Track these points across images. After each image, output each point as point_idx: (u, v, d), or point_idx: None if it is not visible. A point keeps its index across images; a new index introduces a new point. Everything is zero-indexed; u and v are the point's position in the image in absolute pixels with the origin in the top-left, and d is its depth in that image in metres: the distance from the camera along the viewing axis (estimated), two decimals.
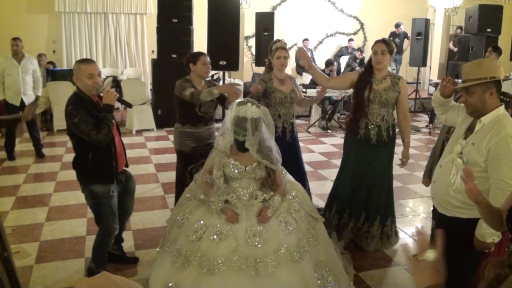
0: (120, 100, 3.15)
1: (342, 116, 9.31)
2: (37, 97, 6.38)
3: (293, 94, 3.97)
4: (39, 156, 6.34)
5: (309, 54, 10.71)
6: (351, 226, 3.72)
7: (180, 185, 3.88)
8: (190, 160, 4.00)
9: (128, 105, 3.26)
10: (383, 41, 3.55)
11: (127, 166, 3.36)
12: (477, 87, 2.28)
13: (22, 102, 6.10)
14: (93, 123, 2.88)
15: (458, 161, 2.35)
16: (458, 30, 11.44)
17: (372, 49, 3.60)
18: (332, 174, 5.75)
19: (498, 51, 7.10)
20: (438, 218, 2.55)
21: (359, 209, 3.69)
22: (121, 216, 3.27)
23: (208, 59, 3.99)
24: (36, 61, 6.44)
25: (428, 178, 3.51)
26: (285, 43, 3.96)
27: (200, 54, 4.02)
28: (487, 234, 2.24)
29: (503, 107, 2.34)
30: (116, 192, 3.14)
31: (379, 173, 3.64)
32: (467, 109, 2.38)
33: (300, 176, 3.89)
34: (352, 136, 3.65)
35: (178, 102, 3.85)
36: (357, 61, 10.34)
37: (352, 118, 3.68)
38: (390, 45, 3.53)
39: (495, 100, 2.31)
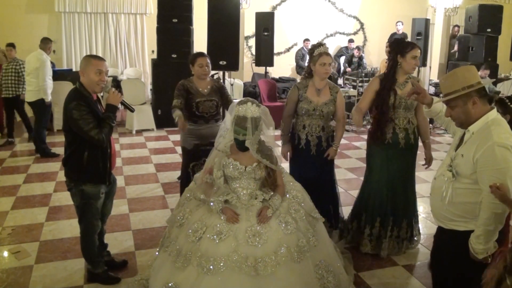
0: (124, 103, 3.13)
1: None
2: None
3: (324, 108, 3.62)
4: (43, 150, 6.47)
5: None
6: (389, 234, 3.59)
7: (185, 181, 3.94)
8: (193, 158, 4.06)
9: (130, 109, 3.23)
10: (413, 45, 3.43)
11: None
12: (457, 99, 2.17)
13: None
14: (95, 121, 2.88)
15: (448, 174, 2.24)
16: (456, 28, 11.46)
17: (406, 52, 3.36)
18: None
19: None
20: (438, 230, 2.46)
21: (389, 216, 3.58)
22: (101, 218, 3.22)
23: (206, 60, 3.96)
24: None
25: None
26: (327, 47, 3.61)
27: (197, 56, 4.02)
28: (479, 250, 2.13)
29: (494, 111, 2.20)
30: (104, 194, 3.13)
31: (408, 176, 3.59)
32: (454, 122, 2.30)
33: (330, 194, 3.80)
34: (379, 143, 3.51)
35: None
36: (355, 59, 10.40)
37: (375, 128, 3.52)
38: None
39: (481, 107, 2.18)
